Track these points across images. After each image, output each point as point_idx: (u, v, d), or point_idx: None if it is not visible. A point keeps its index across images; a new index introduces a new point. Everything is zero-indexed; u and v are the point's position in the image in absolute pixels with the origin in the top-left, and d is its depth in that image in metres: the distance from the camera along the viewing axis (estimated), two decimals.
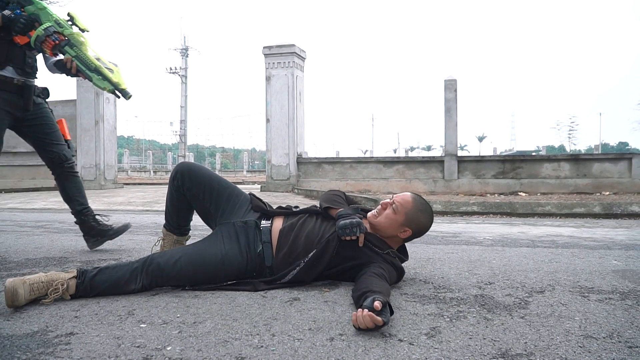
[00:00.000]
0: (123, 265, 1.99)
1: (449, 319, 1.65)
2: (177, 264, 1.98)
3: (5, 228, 4.55)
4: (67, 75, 2.85)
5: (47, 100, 3.15)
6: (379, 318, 1.46)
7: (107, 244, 3.37)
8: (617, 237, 3.77)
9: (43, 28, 2.64)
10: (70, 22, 2.72)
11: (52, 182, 12.62)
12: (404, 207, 2.12)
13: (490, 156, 10.77)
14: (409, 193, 2.19)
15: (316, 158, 11.47)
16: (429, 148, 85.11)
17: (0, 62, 2.83)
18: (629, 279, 2.25)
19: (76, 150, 12.77)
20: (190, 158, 43.07)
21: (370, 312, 1.47)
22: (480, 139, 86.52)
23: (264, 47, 11.21)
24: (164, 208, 2.56)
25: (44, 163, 3.14)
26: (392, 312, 1.57)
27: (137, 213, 6.54)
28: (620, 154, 9.54)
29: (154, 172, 38.49)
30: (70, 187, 3.19)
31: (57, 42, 2.66)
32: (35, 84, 3.03)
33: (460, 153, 11.24)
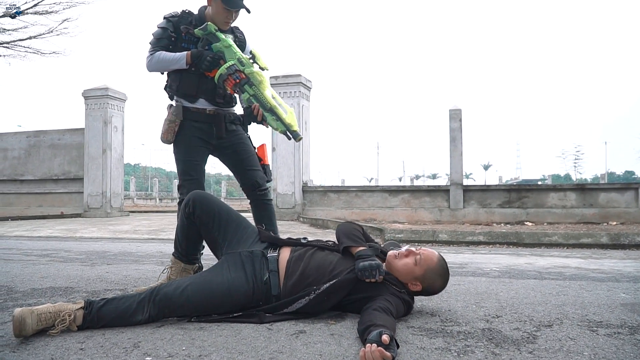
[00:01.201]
0: (130, 296, 2.00)
1: (456, 354, 1.63)
2: (184, 293, 1.99)
3: (11, 257, 4.56)
4: (253, 121, 2.88)
5: (245, 127, 3.16)
6: (388, 353, 1.46)
7: (112, 273, 3.37)
8: (625, 269, 3.74)
9: (226, 67, 2.76)
10: (251, 60, 2.80)
11: (58, 210, 12.73)
12: (427, 263, 2.11)
13: (496, 185, 10.76)
14: (436, 253, 2.18)
15: (322, 186, 11.49)
16: (434, 176, 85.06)
17: (192, 95, 2.95)
18: (637, 313, 2.23)
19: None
20: None
21: (380, 348, 1.47)
22: (486, 168, 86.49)
23: (271, 77, 11.34)
24: (169, 236, 2.59)
25: (51, 191, 3.18)
26: (397, 346, 1.56)
27: (143, 241, 6.54)
28: (627, 184, 9.52)
29: (159, 199, 38.59)
30: (261, 214, 3.15)
31: (237, 80, 2.75)
32: (229, 111, 3.07)
33: (465, 182, 11.23)
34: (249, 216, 2.85)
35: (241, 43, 3.03)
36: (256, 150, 3.15)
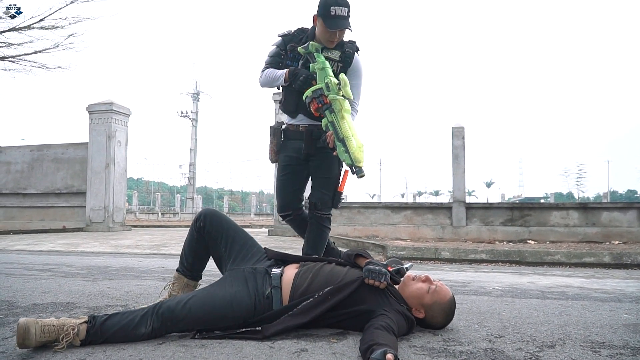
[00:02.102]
0: (133, 310, 2.03)
1: None
2: (186, 306, 2.00)
3: (13, 271, 4.56)
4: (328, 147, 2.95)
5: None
6: None
7: (114, 289, 3.37)
8: (627, 289, 3.72)
9: (312, 90, 2.85)
10: (338, 87, 2.83)
11: (60, 224, 12.73)
12: (439, 296, 2.16)
13: (499, 203, 10.74)
14: (451, 292, 2.23)
15: None
16: (436, 193, 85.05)
17: (291, 111, 3.07)
18: None
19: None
20: (199, 200, 43.24)
21: None
22: (488, 185, 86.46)
23: (274, 93, 11.39)
24: (172, 251, 2.60)
25: (53, 205, 3.21)
26: None
27: (145, 256, 6.54)
28: (629, 203, 9.51)
29: (162, 214, 38.60)
30: (308, 233, 3.21)
31: (320, 105, 2.83)
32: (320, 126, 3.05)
33: (468, 199, 11.21)
34: (251, 232, 2.86)
35: (347, 58, 3.07)
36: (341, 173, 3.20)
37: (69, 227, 12.71)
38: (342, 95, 2.83)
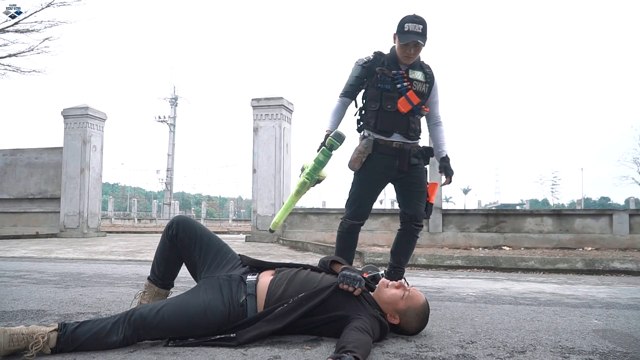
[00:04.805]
0: (105, 318, 2.00)
1: None
2: (159, 313, 1.98)
3: None
4: None
5: (427, 160, 3.33)
6: None
7: (86, 296, 3.32)
8: (598, 295, 3.79)
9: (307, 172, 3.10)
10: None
11: (33, 230, 12.51)
12: (412, 301, 2.19)
13: (475, 210, 10.84)
14: (424, 297, 2.24)
15: (302, 209, 11.47)
16: None
17: (387, 130, 3.15)
18: (609, 339, 2.27)
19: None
20: (176, 206, 42.82)
21: None
22: (465, 192, 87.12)
23: (253, 99, 11.39)
24: (147, 258, 2.57)
25: (26, 210, 3.16)
26: None
27: (119, 263, 6.45)
28: (602, 210, 9.69)
29: (138, 220, 38.11)
30: (402, 243, 3.38)
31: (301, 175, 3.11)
32: (414, 145, 3.24)
33: (445, 205, 11.29)
34: (228, 238, 2.84)
35: (430, 79, 3.23)
36: (427, 186, 3.34)
37: (42, 233, 12.49)
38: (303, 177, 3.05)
